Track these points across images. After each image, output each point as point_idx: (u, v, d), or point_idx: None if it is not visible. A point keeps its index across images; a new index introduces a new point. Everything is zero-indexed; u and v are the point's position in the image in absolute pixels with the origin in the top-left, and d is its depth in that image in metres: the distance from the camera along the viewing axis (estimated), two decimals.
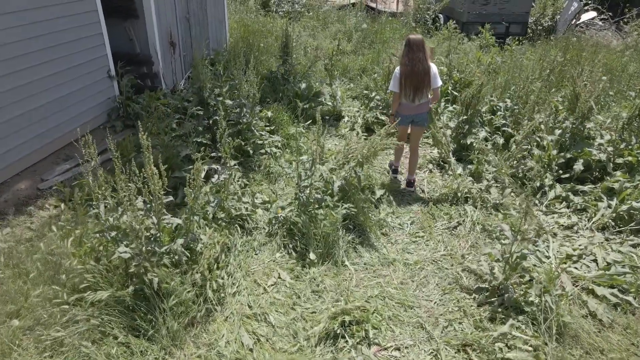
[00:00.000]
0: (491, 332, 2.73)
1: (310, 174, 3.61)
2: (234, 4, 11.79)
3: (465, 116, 5.10)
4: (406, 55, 4.03)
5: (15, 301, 2.58)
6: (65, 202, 3.69)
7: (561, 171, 4.41)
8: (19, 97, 4.02)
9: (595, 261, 3.35)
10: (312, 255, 3.35)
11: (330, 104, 6.29)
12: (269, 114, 5.49)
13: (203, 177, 3.74)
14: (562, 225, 3.84)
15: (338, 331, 2.71)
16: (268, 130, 5.22)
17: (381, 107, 5.95)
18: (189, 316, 2.72)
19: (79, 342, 2.42)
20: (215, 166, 4.02)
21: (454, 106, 6.02)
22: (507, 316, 2.84)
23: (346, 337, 2.70)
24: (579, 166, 4.29)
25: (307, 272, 3.26)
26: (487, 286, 3.08)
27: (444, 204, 4.19)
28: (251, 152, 4.76)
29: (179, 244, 2.82)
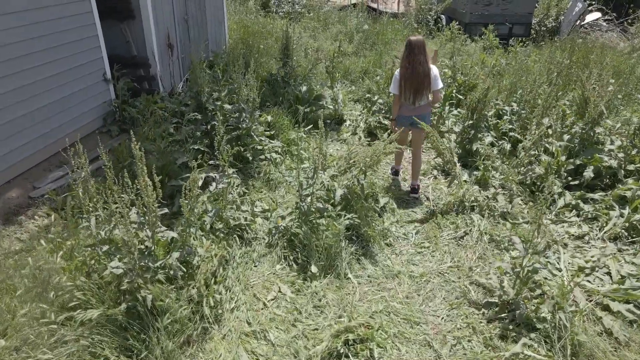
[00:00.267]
0: (502, 352, 2.59)
1: (312, 183, 3.48)
2: (233, 5, 11.64)
3: (470, 121, 4.97)
4: (406, 58, 3.96)
5: (1, 320, 2.44)
6: (57, 212, 3.56)
7: (570, 178, 4.28)
8: (4, 104, 3.83)
9: (608, 274, 3.21)
10: (313, 268, 3.21)
11: (332, 108, 6.14)
12: (269, 119, 5.35)
13: (201, 185, 3.61)
14: (573, 235, 3.70)
15: (341, 350, 2.58)
16: (268, 135, 5.07)
17: (384, 111, 5.80)
18: (184, 335, 2.59)
19: None
20: (213, 174, 3.89)
21: (458, 110, 5.89)
22: (518, 334, 2.71)
23: (350, 357, 2.56)
24: (589, 173, 4.15)
25: (309, 286, 3.12)
26: (497, 301, 2.94)
27: (450, 213, 4.05)
28: (250, 158, 4.61)
29: (175, 257, 2.69)
